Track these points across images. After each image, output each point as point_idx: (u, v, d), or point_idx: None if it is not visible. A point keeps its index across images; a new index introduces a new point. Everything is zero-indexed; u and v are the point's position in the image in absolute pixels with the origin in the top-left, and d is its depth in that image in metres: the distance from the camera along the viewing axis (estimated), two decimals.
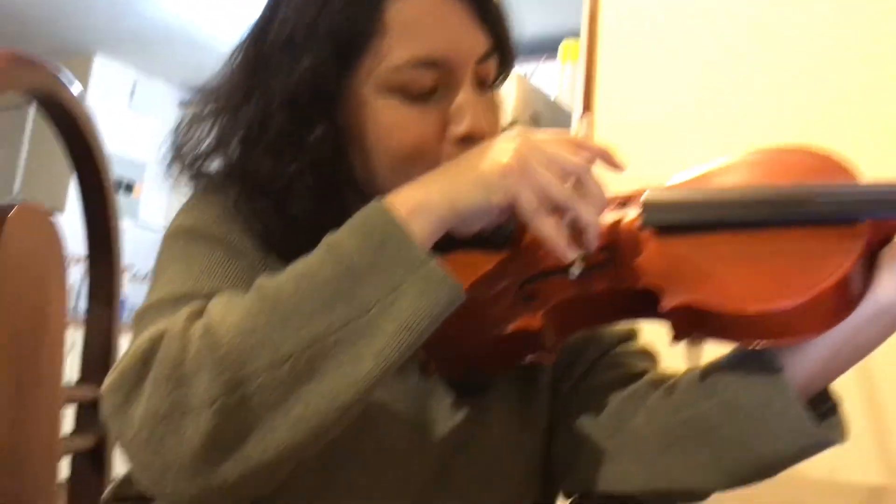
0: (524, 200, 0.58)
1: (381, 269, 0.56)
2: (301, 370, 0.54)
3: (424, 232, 0.58)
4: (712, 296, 0.60)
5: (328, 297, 0.56)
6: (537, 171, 0.58)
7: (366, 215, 0.59)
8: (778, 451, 0.61)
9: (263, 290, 0.57)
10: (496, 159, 0.59)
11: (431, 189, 0.60)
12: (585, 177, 0.60)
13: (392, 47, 0.66)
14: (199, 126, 0.74)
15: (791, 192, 0.62)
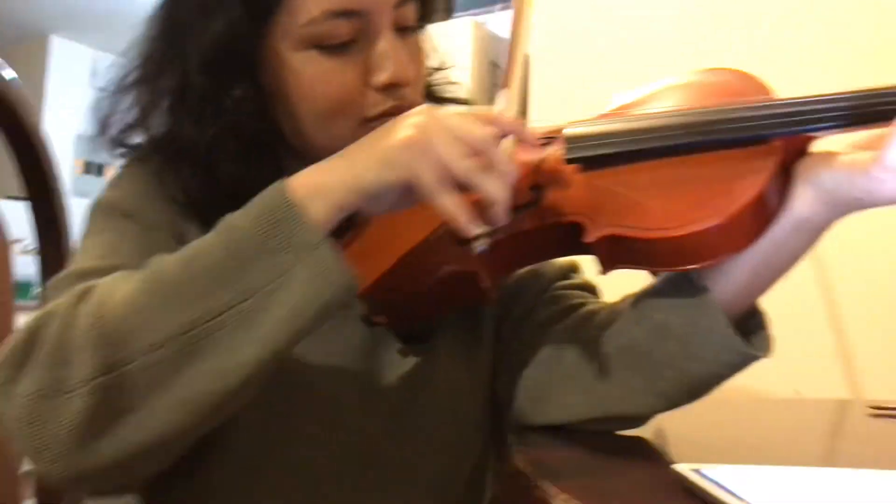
0: (423, 176, 0.56)
1: (271, 252, 0.55)
2: (179, 355, 0.54)
3: (322, 215, 0.57)
4: (633, 224, 0.61)
5: (213, 280, 0.55)
6: (438, 145, 0.56)
7: (264, 195, 0.58)
8: (708, 368, 0.63)
9: (151, 270, 0.57)
10: (396, 135, 0.57)
11: (332, 170, 0.59)
12: (491, 151, 0.58)
13: (305, 1, 0.66)
14: (121, 97, 0.74)
15: (704, 116, 0.63)
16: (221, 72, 0.68)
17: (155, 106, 0.72)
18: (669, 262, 0.62)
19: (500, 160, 0.58)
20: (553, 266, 0.80)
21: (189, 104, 0.69)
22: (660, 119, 0.65)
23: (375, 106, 0.69)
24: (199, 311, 0.54)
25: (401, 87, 0.69)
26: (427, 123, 0.57)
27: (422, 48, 0.75)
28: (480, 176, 0.57)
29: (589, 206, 0.64)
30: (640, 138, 0.64)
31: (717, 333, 0.62)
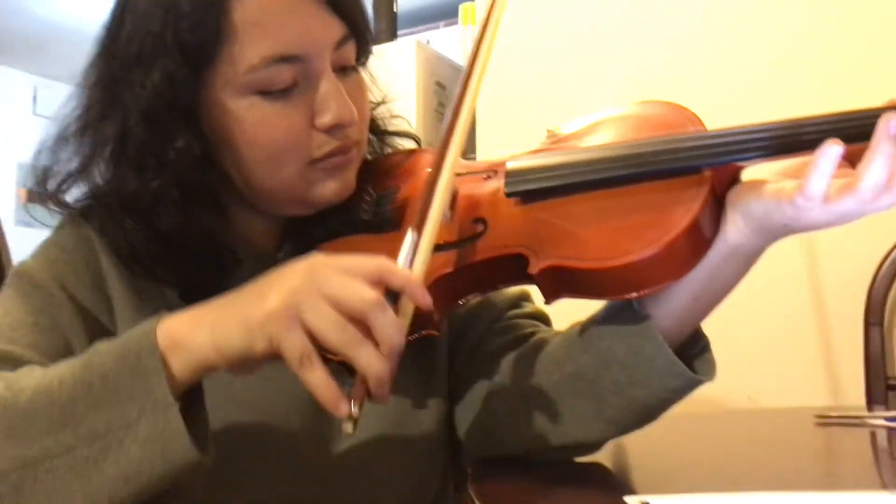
0: (288, 349, 0.52)
1: (121, 400, 0.53)
2: (8, 492, 0.52)
3: (182, 372, 0.54)
4: (572, 255, 0.62)
5: (57, 419, 0.53)
6: (311, 313, 0.51)
7: (133, 334, 0.56)
8: (654, 394, 0.65)
9: (6, 393, 0.55)
10: (268, 299, 0.53)
11: (201, 325, 0.55)
12: (375, 315, 0.52)
13: (244, 49, 0.66)
14: (62, 148, 0.73)
15: (636, 149, 0.65)
16: (162, 122, 0.67)
17: (96, 156, 0.72)
18: (609, 291, 0.63)
19: (383, 329, 0.52)
20: (504, 295, 0.81)
21: (130, 155, 0.69)
22: (595, 152, 0.67)
23: (321, 147, 0.70)
24: (37, 449, 0.53)
25: (345, 126, 0.70)
26: (300, 288, 0.53)
27: (364, 85, 0.76)
28: (354, 350, 0.51)
29: (531, 238, 0.66)
30: (577, 171, 0.66)
31: (660, 360, 0.63)
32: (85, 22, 4.52)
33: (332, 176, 0.72)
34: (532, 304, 0.83)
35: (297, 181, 0.71)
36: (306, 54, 0.68)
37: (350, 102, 0.70)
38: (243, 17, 0.66)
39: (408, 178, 0.78)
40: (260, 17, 0.66)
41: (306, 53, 0.68)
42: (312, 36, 0.68)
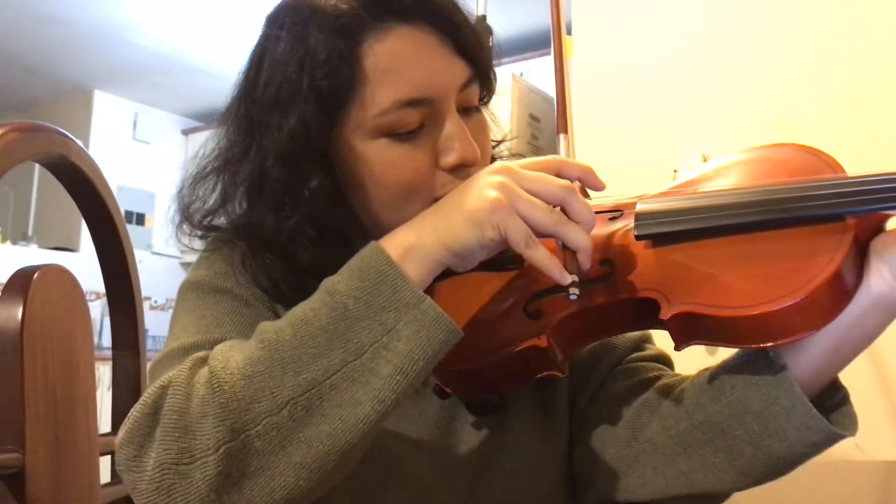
0: (514, 233, 0.59)
1: (376, 311, 0.58)
2: (300, 415, 0.56)
3: (418, 273, 0.60)
4: (708, 302, 0.61)
5: (324, 342, 0.57)
6: (523, 202, 0.60)
7: (361, 257, 0.61)
8: (789, 448, 0.63)
9: (263, 337, 0.59)
10: (483, 195, 0.60)
11: (424, 230, 0.62)
12: (570, 200, 0.61)
13: (375, 94, 0.68)
14: (202, 185, 0.77)
15: (777, 194, 0.63)
16: (297, 164, 0.70)
17: (234, 194, 0.75)
18: (745, 339, 0.62)
19: (580, 209, 0.61)
20: (625, 337, 0.81)
21: (268, 194, 0.72)
22: (733, 196, 0.66)
23: (444, 186, 0.71)
24: (315, 372, 0.57)
25: (469, 166, 0.71)
26: (507, 183, 0.61)
27: (486, 125, 0.77)
28: (564, 227, 0.60)
29: (662, 283, 0.65)
30: (714, 215, 0.65)
31: (798, 412, 0.62)
32: (182, 52, 4.72)
33: None
34: (654, 346, 0.82)
35: None
36: (433, 97, 0.70)
37: (474, 143, 0.71)
38: (375, 63, 0.68)
39: None
40: (390, 64, 0.69)
41: (433, 96, 0.70)
42: (439, 79, 0.70)
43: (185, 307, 0.72)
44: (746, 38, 1.59)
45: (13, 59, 4.90)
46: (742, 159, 0.72)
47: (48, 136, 0.93)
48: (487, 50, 0.76)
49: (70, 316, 0.93)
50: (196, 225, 0.78)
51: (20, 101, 5.60)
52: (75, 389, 0.92)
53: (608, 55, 1.80)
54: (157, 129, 5.71)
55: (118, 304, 1.07)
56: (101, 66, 5.03)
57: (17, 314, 0.84)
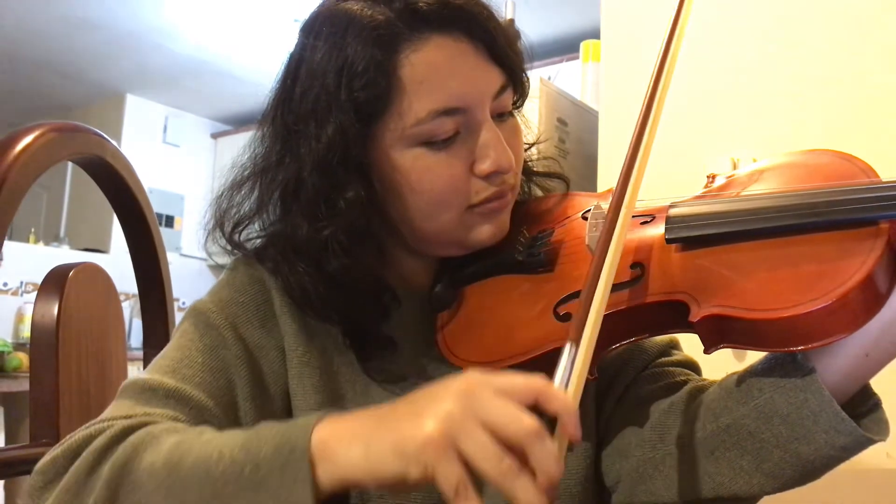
0: (443, 478, 0.49)
1: (267, 495, 0.53)
2: None
3: (326, 482, 0.53)
4: (739, 305, 0.61)
5: (208, 495, 0.54)
6: (469, 442, 0.49)
7: (292, 427, 0.56)
8: (818, 451, 0.62)
9: (172, 455, 0.57)
10: (425, 422, 0.50)
11: (357, 438, 0.53)
12: (532, 448, 0.49)
13: (411, 104, 0.69)
14: (238, 191, 0.78)
15: (809, 198, 0.63)
16: (334, 173, 0.70)
17: (269, 202, 0.76)
18: (775, 343, 0.62)
19: (540, 459, 0.49)
20: (653, 342, 0.81)
21: (303, 203, 0.72)
22: (765, 200, 0.66)
23: (479, 193, 0.72)
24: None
25: (503, 173, 0.72)
26: (457, 414, 0.50)
27: (519, 130, 0.77)
28: (510, 484, 0.48)
29: (692, 286, 0.65)
30: (746, 219, 0.64)
31: (826, 415, 0.61)
32: (213, 57, 4.78)
33: (489, 220, 0.74)
34: (681, 351, 0.82)
35: (455, 225, 0.73)
36: (469, 106, 0.70)
37: (508, 149, 0.72)
38: (411, 74, 0.69)
39: (561, 222, 0.78)
40: (427, 74, 0.69)
41: (469, 105, 0.70)
42: (475, 88, 0.70)
43: (180, 330, 0.74)
44: (777, 41, 1.58)
45: (46, 63, 4.99)
46: (775, 164, 0.72)
47: (85, 137, 0.95)
48: (520, 55, 0.76)
49: (104, 313, 0.95)
50: (227, 235, 0.78)
51: (53, 105, 5.70)
52: (108, 385, 0.94)
53: (637, 60, 1.79)
54: (187, 133, 5.78)
55: (150, 303, 1.09)
56: (133, 71, 5.10)
57: (53, 311, 0.86)
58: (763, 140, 1.55)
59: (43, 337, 0.84)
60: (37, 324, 0.85)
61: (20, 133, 0.83)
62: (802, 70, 1.55)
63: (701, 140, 1.65)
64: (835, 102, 1.50)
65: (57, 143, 0.87)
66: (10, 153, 0.80)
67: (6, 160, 0.80)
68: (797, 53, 1.56)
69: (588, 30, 2.60)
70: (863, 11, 1.51)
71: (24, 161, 0.80)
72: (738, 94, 1.62)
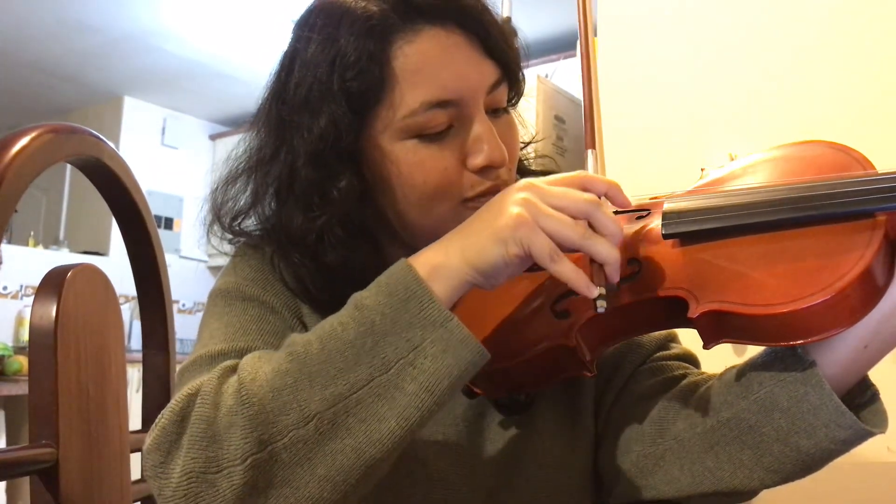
0: (538, 249, 0.59)
1: (403, 328, 0.58)
2: (326, 428, 0.56)
3: (446, 292, 0.60)
4: (738, 300, 0.61)
5: (352, 357, 0.58)
6: (547, 217, 0.59)
7: (391, 273, 0.61)
8: (819, 444, 0.62)
9: (292, 349, 0.59)
10: (507, 213, 0.60)
11: (450, 249, 0.62)
12: (596, 214, 0.60)
13: (404, 95, 0.69)
14: (233, 185, 0.78)
15: (806, 191, 0.63)
16: (327, 164, 0.71)
17: (265, 194, 0.76)
18: (774, 337, 0.61)
19: (605, 222, 0.61)
20: (651, 336, 0.80)
21: (297, 194, 0.72)
22: (761, 194, 0.65)
23: (473, 187, 0.72)
24: (341, 386, 0.57)
25: (496, 167, 0.72)
26: (531, 199, 0.60)
27: (514, 126, 0.77)
28: (590, 241, 0.59)
29: (690, 281, 0.65)
30: (743, 213, 0.64)
31: (826, 409, 0.61)
32: (211, 58, 4.78)
33: None
34: (680, 345, 0.82)
35: (448, 219, 0.72)
36: (462, 98, 0.70)
37: (501, 144, 0.72)
38: (404, 65, 0.69)
39: None
40: (420, 65, 0.69)
41: (462, 98, 0.70)
42: (468, 81, 0.70)
43: (214, 313, 0.73)
44: (774, 37, 1.58)
45: (44, 65, 4.99)
46: (770, 157, 0.72)
47: (82, 138, 0.94)
48: (515, 51, 0.76)
49: (102, 314, 0.95)
50: (226, 227, 0.78)
51: (51, 108, 5.70)
52: (107, 386, 0.94)
53: (634, 55, 1.79)
54: (186, 135, 5.77)
55: (149, 304, 1.08)
56: (131, 73, 5.10)
57: (51, 312, 0.85)
58: (760, 134, 1.55)
59: (41, 338, 0.84)
60: (35, 325, 0.85)
61: (17, 135, 0.83)
62: (800, 63, 1.55)
63: (698, 135, 1.65)
64: (834, 96, 1.50)
65: (54, 144, 0.87)
66: (7, 155, 0.80)
67: (2, 162, 0.79)
68: (795, 47, 1.56)
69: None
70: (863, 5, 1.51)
71: (21, 162, 0.80)
72: (735, 89, 1.62)
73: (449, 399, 0.59)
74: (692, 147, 1.63)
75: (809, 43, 1.54)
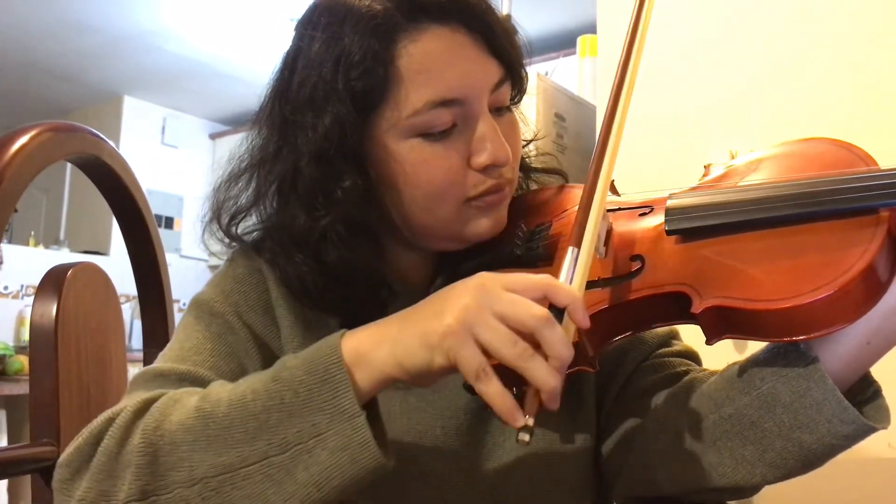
0: (464, 363, 0.54)
1: (311, 411, 0.56)
2: (209, 495, 0.56)
3: (366, 384, 0.57)
4: (741, 295, 0.61)
5: (253, 430, 0.56)
6: (484, 329, 0.54)
7: (319, 347, 0.59)
8: (821, 439, 0.62)
9: (202, 405, 0.59)
10: (444, 317, 0.56)
11: (383, 340, 0.58)
12: (543, 332, 0.54)
13: (408, 94, 0.68)
14: (235, 184, 0.78)
15: (809, 187, 0.63)
16: (331, 164, 0.70)
17: (266, 193, 0.76)
18: (777, 333, 0.61)
19: (552, 343, 0.54)
20: (653, 333, 0.80)
21: (300, 193, 0.72)
22: (765, 190, 0.65)
23: (476, 186, 0.71)
24: (233, 457, 0.56)
25: (500, 166, 0.71)
26: (472, 306, 0.56)
27: (517, 124, 0.77)
28: (527, 364, 0.54)
29: (693, 277, 0.64)
30: (746, 209, 0.64)
31: (829, 404, 0.61)
32: (211, 58, 4.78)
33: (486, 213, 0.74)
34: (681, 342, 0.82)
35: (452, 218, 0.72)
36: (466, 98, 0.70)
37: (505, 143, 0.71)
38: (409, 64, 0.69)
39: (558, 214, 0.78)
40: (424, 64, 0.69)
41: (466, 97, 0.70)
42: (472, 80, 0.70)
43: (183, 323, 0.74)
44: (775, 32, 1.58)
45: (44, 65, 4.99)
46: (773, 154, 0.72)
47: (81, 137, 0.94)
48: (518, 49, 0.76)
49: (103, 312, 0.95)
50: (224, 228, 0.78)
51: (51, 108, 5.70)
52: (108, 385, 0.94)
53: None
54: (186, 134, 5.77)
55: (149, 302, 1.08)
56: (131, 72, 5.10)
57: (51, 310, 0.86)
58: (761, 131, 1.55)
59: (42, 337, 0.84)
60: (35, 324, 0.85)
61: (16, 133, 0.83)
62: (802, 59, 1.55)
63: (698, 131, 1.65)
64: (836, 92, 1.50)
65: (54, 142, 0.87)
66: (7, 153, 0.80)
67: (2, 160, 0.79)
68: (797, 42, 1.56)
69: (584, 25, 2.59)
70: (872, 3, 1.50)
71: (21, 161, 0.80)
72: (735, 85, 1.62)
73: (336, 498, 0.57)
74: (692, 144, 1.63)
75: (811, 38, 1.54)
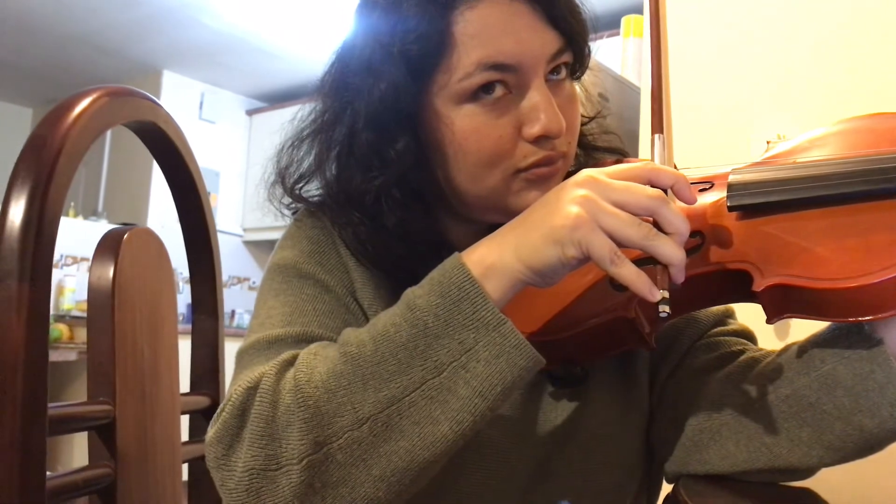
0: (598, 251, 0.56)
1: (456, 330, 0.58)
2: (380, 430, 0.57)
3: (499, 292, 0.59)
4: (805, 274, 0.60)
5: (405, 360, 0.58)
6: (608, 216, 0.56)
7: (444, 271, 0.60)
8: (882, 424, 0.61)
9: (346, 350, 0.60)
10: (564, 210, 0.58)
11: (505, 247, 0.60)
12: (661, 211, 0.57)
13: (461, 58, 0.68)
14: (298, 148, 0.79)
15: (879, 163, 0.61)
16: (386, 127, 0.71)
17: (327, 157, 0.76)
18: (841, 313, 0.60)
19: (671, 220, 0.57)
20: (708, 312, 0.80)
21: (357, 156, 0.73)
22: (831, 166, 0.64)
23: (527, 157, 0.71)
24: (394, 389, 0.57)
25: (552, 137, 0.70)
26: (590, 196, 0.58)
27: (575, 97, 0.76)
28: (654, 242, 0.57)
29: (755, 254, 0.63)
30: (811, 185, 0.63)
31: (892, 387, 0.60)
32: (249, 34, 4.79)
33: (535, 186, 0.72)
34: (736, 321, 0.81)
35: (500, 189, 0.72)
36: (520, 64, 0.69)
37: (559, 114, 0.70)
38: (464, 29, 0.68)
39: None
40: (479, 29, 0.68)
41: (520, 64, 0.69)
42: (527, 47, 0.69)
43: (272, 289, 0.74)
44: (822, 14, 1.55)
45: (84, 38, 5.04)
46: (839, 129, 0.70)
47: (138, 102, 0.95)
48: (582, 23, 0.74)
49: (156, 277, 0.96)
50: (288, 190, 0.79)
51: (91, 81, 5.71)
52: (160, 348, 0.95)
53: (679, 33, 1.76)
54: (223, 110, 5.81)
55: (199, 270, 1.09)
56: (170, 47, 5.14)
57: (108, 273, 0.87)
58: (810, 115, 1.52)
59: (100, 298, 0.85)
60: (93, 286, 0.86)
61: (76, 97, 0.84)
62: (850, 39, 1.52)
63: (746, 115, 1.62)
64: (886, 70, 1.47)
65: (112, 107, 0.87)
66: (69, 117, 0.80)
67: (64, 124, 0.80)
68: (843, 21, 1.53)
69: (629, 5, 2.56)
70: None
71: (82, 125, 0.81)
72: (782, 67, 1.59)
73: (503, 403, 0.59)
74: (739, 126, 1.61)
75: (858, 17, 1.50)
